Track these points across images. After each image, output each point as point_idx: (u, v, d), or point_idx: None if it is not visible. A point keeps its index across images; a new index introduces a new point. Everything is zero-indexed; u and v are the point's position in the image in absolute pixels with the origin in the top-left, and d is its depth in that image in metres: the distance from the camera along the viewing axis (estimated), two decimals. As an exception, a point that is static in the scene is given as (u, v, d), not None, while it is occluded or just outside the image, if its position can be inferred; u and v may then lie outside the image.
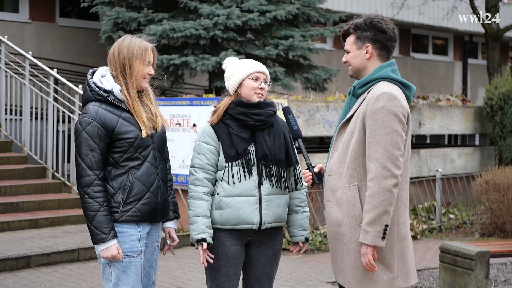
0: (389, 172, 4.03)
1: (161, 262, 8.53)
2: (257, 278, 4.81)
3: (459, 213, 12.76)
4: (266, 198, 4.65)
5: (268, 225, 4.67)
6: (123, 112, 4.31)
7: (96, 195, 4.21)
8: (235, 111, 4.66)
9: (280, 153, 4.70)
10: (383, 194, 4.02)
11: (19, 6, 15.02)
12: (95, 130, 4.22)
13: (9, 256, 8.14)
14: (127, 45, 4.38)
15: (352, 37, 4.31)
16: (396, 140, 4.06)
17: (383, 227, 4.04)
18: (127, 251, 4.31)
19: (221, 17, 11.84)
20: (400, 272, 4.23)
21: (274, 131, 4.73)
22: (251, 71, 4.71)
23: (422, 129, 13.83)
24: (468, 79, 23.98)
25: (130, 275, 4.32)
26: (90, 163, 4.22)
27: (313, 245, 10.07)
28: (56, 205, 10.39)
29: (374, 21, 4.26)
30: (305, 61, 13.32)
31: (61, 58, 14.97)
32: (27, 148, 11.60)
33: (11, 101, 12.07)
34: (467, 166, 14.74)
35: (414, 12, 19.66)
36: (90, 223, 4.22)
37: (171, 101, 11.02)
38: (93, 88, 4.33)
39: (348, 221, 4.18)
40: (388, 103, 4.07)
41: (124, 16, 12.37)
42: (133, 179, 4.28)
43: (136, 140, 4.28)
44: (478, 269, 7.23)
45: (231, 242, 4.67)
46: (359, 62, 4.30)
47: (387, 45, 4.28)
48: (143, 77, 4.38)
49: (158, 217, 4.46)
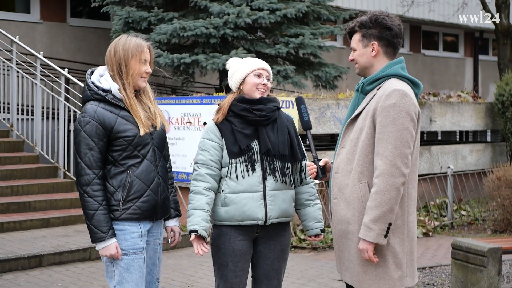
0: (397, 170, 4.00)
1: (173, 261, 8.55)
2: (266, 274, 4.84)
3: (471, 210, 12.72)
4: (271, 194, 4.68)
5: (274, 221, 4.71)
6: (122, 111, 4.33)
7: (95, 194, 4.24)
8: (237, 107, 4.72)
9: (284, 148, 4.74)
10: (390, 192, 4.00)
11: (31, 6, 15.08)
12: (94, 129, 4.24)
13: (21, 255, 8.18)
14: (122, 44, 4.38)
15: (358, 35, 4.31)
16: (406, 138, 4.04)
17: (387, 225, 4.03)
18: (129, 248, 4.33)
19: (231, 15, 11.85)
20: (409, 271, 4.21)
21: (277, 126, 4.77)
22: (253, 67, 4.76)
23: (433, 126, 13.79)
24: (479, 76, 23.91)
25: (133, 272, 4.34)
26: (89, 162, 4.24)
27: (324, 242, 10.06)
28: (68, 204, 10.43)
29: (379, 18, 4.24)
30: (316, 59, 13.32)
31: (72, 58, 15.01)
32: (38, 148, 11.64)
33: (23, 101, 12.12)
34: (479, 163, 14.68)
35: (424, 9, 19.63)
36: (89, 222, 4.25)
37: (181, 99, 11.03)
38: (92, 88, 4.35)
39: (358, 219, 4.16)
40: (400, 100, 4.05)
41: (135, 16, 12.41)
42: (132, 177, 4.30)
43: (134, 138, 4.30)
44: (490, 266, 7.20)
45: (238, 237, 4.71)
46: (365, 60, 4.28)
47: (393, 42, 4.26)
48: (140, 76, 4.39)
49: (159, 215, 4.48)
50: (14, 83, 11.91)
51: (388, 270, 4.14)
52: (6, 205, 9.84)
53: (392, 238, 4.12)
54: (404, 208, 4.14)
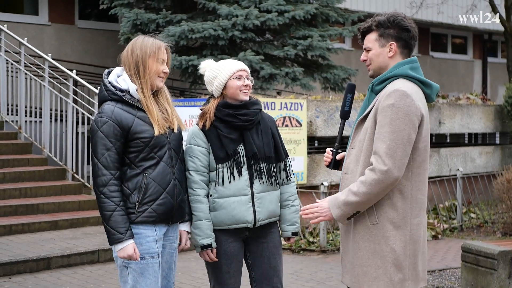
0: (387, 170, 3.95)
1: (181, 264, 8.53)
2: (265, 273, 4.85)
3: (480, 212, 12.67)
4: (258, 196, 4.72)
5: (263, 222, 4.75)
6: (139, 112, 4.31)
7: (112, 195, 4.19)
8: (221, 113, 4.71)
9: (269, 150, 4.78)
10: (373, 187, 3.97)
11: (39, 8, 15.11)
12: (111, 129, 4.21)
13: (30, 258, 8.17)
14: (140, 44, 4.37)
15: (375, 34, 4.22)
16: (402, 140, 3.97)
17: (354, 211, 4.07)
18: (144, 252, 4.28)
19: (240, 17, 11.83)
20: (411, 274, 4.15)
21: (261, 129, 4.79)
22: (233, 70, 4.73)
23: (442, 128, 13.75)
24: (488, 78, 23.85)
25: (148, 277, 4.30)
26: (106, 162, 4.20)
27: (333, 245, 10.03)
28: (76, 207, 10.42)
29: (398, 19, 4.19)
30: (324, 61, 13.30)
31: (81, 60, 15.02)
32: (47, 150, 11.64)
33: (31, 103, 12.12)
34: (488, 165, 14.64)
35: (433, 11, 19.58)
36: (107, 223, 4.20)
37: (190, 101, 11.00)
38: (109, 88, 4.33)
39: (359, 219, 4.14)
40: (399, 101, 3.98)
41: (143, 18, 12.40)
42: (148, 179, 4.27)
43: (151, 139, 4.27)
44: (500, 269, 7.16)
45: (228, 240, 4.75)
46: (381, 60, 4.21)
47: (410, 44, 4.22)
48: (157, 75, 4.37)
49: (174, 218, 4.44)
50: (23, 85, 11.92)
51: (387, 272, 4.10)
52: (14, 207, 9.83)
53: (392, 240, 4.08)
54: (406, 210, 4.08)
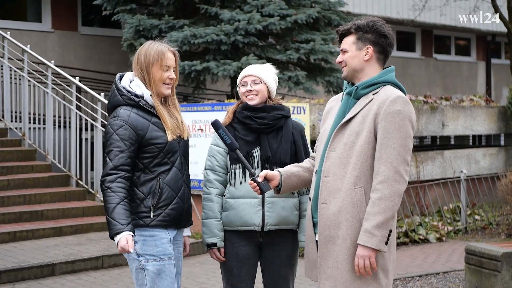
0: (401, 177, 4.01)
1: (186, 268, 8.53)
2: (274, 280, 4.87)
3: (485, 214, 12.66)
4: (270, 201, 4.72)
5: (272, 228, 4.74)
6: (153, 117, 4.35)
7: (118, 190, 4.20)
8: (241, 114, 4.82)
9: (285, 156, 4.78)
10: (393, 198, 3.99)
11: (42, 15, 15.14)
12: (127, 133, 4.25)
13: (34, 264, 8.18)
14: (144, 51, 4.42)
15: (353, 37, 4.26)
16: (409, 146, 4.07)
17: (388, 232, 4.00)
18: (160, 254, 4.32)
19: (242, 22, 11.85)
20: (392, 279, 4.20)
21: (282, 134, 4.82)
22: (240, 78, 4.90)
23: (446, 130, 13.74)
24: (492, 79, 23.81)
25: (165, 278, 4.34)
26: (118, 163, 4.23)
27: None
28: (80, 213, 10.44)
29: (377, 24, 4.24)
30: (327, 65, 13.30)
31: (84, 66, 15.05)
32: (50, 157, 11.66)
33: (35, 110, 12.14)
34: (492, 167, 14.62)
35: (436, 13, 19.56)
36: (109, 215, 4.17)
37: (193, 106, 11.03)
38: (124, 93, 4.35)
39: (350, 224, 4.08)
40: (404, 108, 4.07)
41: (146, 24, 12.42)
42: (162, 184, 4.31)
43: (166, 145, 4.32)
44: (504, 271, 7.16)
45: (241, 242, 4.77)
46: (357, 63, 4.24)
47: (386, 50, 4.27)
48: (162, 82, 4.39)
49: (183, 222, 4.49)
50: (26, 92, 11.94)
51: (377, 277, 4.10)
52: (18, 214, 9.84)
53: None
54: None
